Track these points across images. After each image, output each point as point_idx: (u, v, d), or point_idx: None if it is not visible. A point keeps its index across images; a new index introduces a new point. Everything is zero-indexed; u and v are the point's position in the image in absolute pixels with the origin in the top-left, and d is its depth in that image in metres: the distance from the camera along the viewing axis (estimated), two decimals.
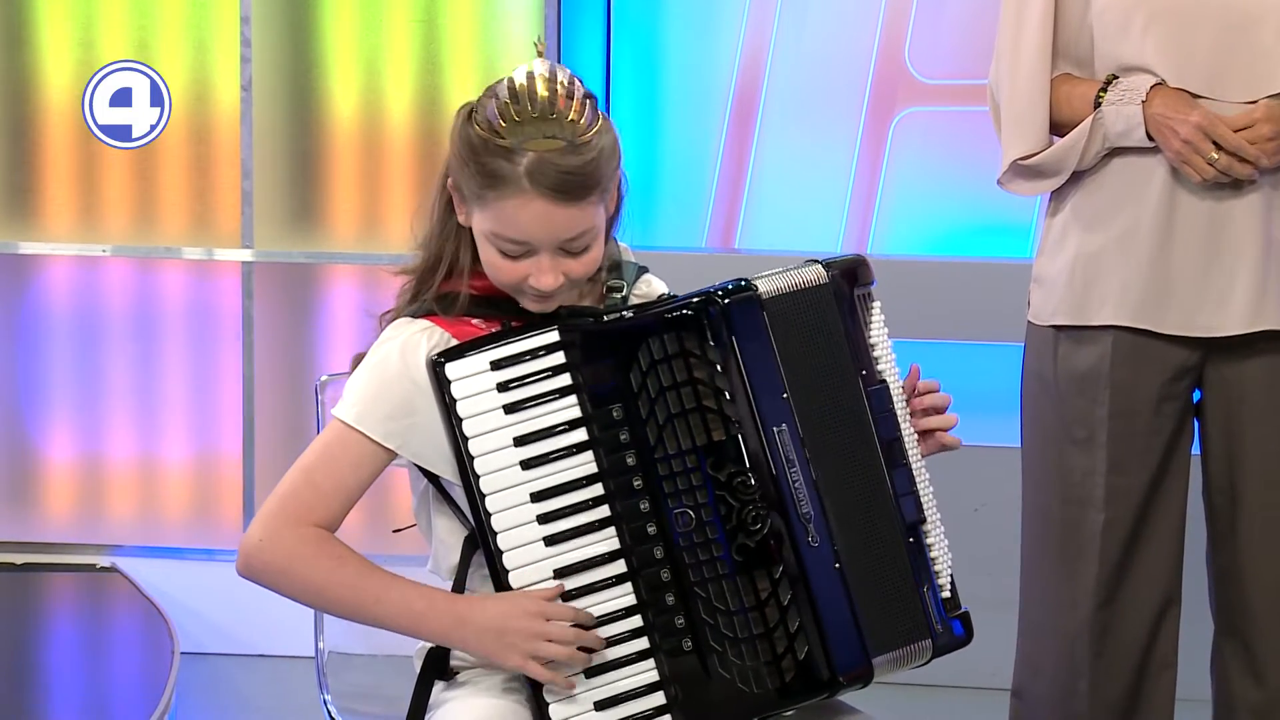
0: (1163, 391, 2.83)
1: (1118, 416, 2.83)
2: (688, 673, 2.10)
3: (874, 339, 2.23)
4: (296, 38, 4.50)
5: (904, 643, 2.17)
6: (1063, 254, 2.87)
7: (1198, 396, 2.86)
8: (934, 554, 2.22)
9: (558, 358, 2.12)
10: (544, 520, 2.10)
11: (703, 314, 2.12)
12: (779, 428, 2.12)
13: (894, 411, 2.22)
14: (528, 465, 2.10)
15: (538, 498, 2.10)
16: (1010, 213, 4.41)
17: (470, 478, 2.09)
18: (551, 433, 2.11)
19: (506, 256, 2.14)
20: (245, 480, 4.57)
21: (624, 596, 2.11)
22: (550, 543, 2.10)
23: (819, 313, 2.18)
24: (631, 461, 2.11)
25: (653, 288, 2.31)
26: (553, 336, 2.13)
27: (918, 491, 2.21)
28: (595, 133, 2.12)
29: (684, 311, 2.12)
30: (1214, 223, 2.76)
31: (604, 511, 2.11)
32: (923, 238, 4.55)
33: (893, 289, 2.44)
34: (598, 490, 2.11)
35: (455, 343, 2.14)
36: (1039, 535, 2.94)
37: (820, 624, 2.10)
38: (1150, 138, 2.74)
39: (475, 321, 2.19)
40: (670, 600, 2.10)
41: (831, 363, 2.18)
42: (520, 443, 2.10)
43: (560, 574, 2.10)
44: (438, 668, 2.23)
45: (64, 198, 4.58)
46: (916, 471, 2.22)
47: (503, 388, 2.11)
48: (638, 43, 4.63)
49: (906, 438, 2.23)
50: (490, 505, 2.09)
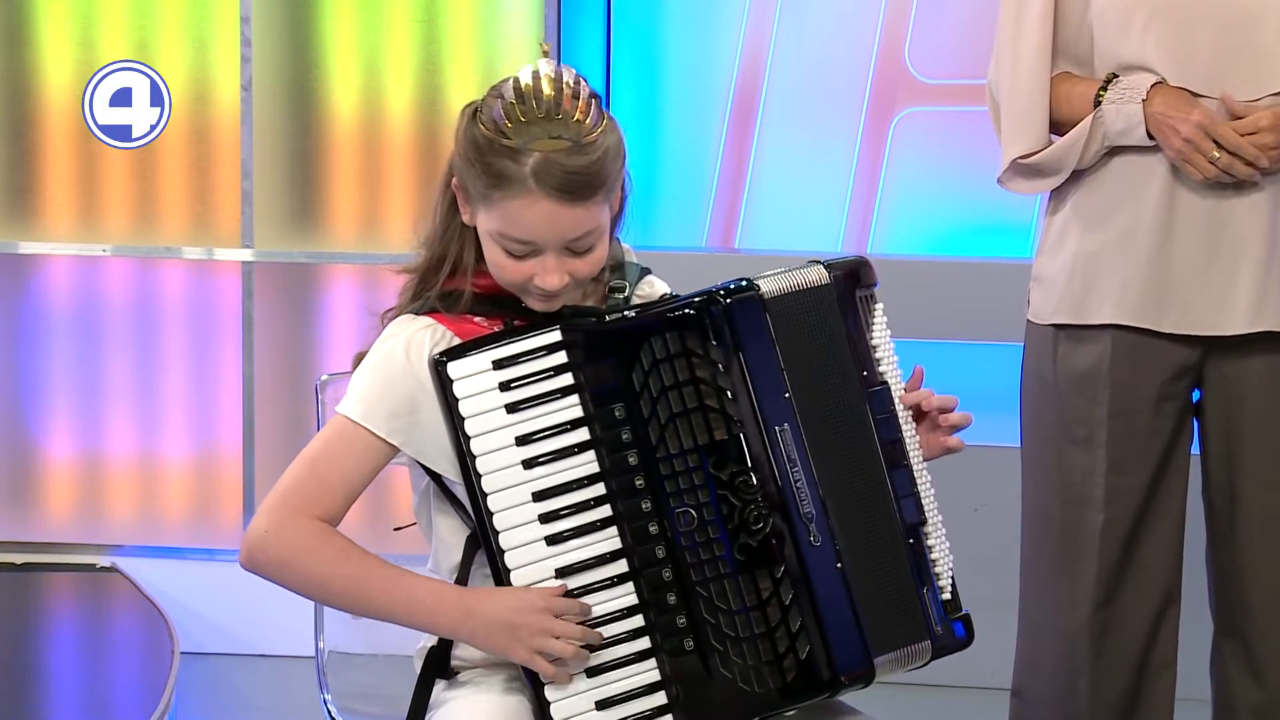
0: (1162, 391, 2.83)
1: (1117, 416, 2.83)
2: (689, 672, 2.10)
3: (876, 340, 2.23)
4: (296, 38, 4.49)
5: (904, 643, 2.17)
6: (1062, 253, 2.86)
7: (1197, 396, 2.87)
8: (934, 556, 2.22)
9: (560, 357, 2.12)
10: (546, 520, 2.10)
11: (705, 313, 2.11)
12: (781, 427, 2.11)
13: (895, 413, 2.21)
14: (529, 465, 2.10)
15: (539, 497, 2.10)
16: (1010, 212, 4.41)
17: (472, 477, 2.09)
18: (553, 432, 2.11)
19: (512, 256, 2.14)
20: (245, 481, 4.57)
21: (625, 596, 2.10)
22: (552, 542, 2.10)
23: (821, 313, 2.18)
24: (633, 461, 2.11)
25: (655, 289, 2.31)
26: (555, 336, 2.12)
27: (918, 493, 2.21)
28: (600, 133, 2.12)
29: (686, 311, 2.12)
30: (1214, 222, 2.75)
31: (606, 511, 2.11)
32: (923, 238, 4.55)
33: (893, 289, 2.44)
34: (599, 490, 2.11)
35: (458, 341, 2.15)
36: (1039, 535, 2.94)
37: (822, 624, 2.10)
38: (1151, 136, 2.74)
39: (478, 320, 2.19)
40: (672, 600, 2.10)
41: (833, 363, 2.18)
42: (522, 442, 2.10)
43: (562, 573, 2.10)
44: (438, 667, 2.22)
45: (64, 197, 4.58)
46: (917, 473, 2.22)
47: (505, 387, 2.10)
48: (638, 43, 4.63)
49: (907, 439, 2.22)
50: (492, 504, 2.09)
